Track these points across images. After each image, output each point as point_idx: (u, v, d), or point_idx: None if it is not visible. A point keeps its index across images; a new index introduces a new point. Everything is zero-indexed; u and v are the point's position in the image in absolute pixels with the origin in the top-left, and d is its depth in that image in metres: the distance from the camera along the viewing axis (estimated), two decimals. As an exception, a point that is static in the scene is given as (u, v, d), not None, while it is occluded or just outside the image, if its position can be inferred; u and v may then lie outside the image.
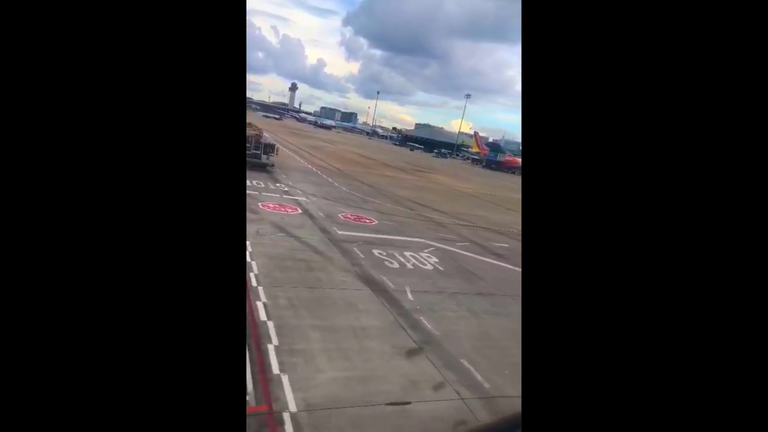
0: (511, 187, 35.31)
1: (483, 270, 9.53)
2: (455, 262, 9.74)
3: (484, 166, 58.46)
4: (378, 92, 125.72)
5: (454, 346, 5.73)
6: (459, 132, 77.92)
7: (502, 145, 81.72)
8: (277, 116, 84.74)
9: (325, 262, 8.21)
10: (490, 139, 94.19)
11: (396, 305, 6.76)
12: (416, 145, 77.29)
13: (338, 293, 6.83)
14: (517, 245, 12.96)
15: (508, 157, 61.09)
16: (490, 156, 60.94)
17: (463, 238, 12.49)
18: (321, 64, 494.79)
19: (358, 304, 6.49)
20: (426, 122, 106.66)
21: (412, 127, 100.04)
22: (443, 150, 69.99)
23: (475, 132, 70.53)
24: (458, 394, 4.69)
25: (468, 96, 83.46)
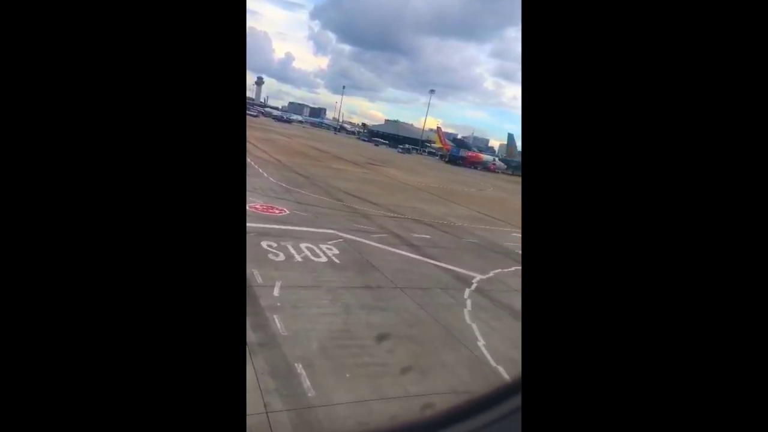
0: (465, 181, 35.18)
1: (385, 261, 8.83)
2: (358, 254, 9.00)
3: (447, 162, 58.71)
4: (344, 87, 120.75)
5: (296, 348, 4.95)
6: (423, 128, 77.87)
7: (470, 142, 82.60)
8: (254, 113, 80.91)
9: (192, 255, 7.26)
10: (459, 136, 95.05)
11: (251, 302, 5.91)
12: (381, 140, 77.01)
13: (182, 289, 5.92)
14: (439, 235, 12.39)
15: (470, 153, 61.65)
16: (453, 151, 61.24)
17: (383, 229, 11.80)
18: (289, 58, 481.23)
19: (200, 302, 5.60)
20: (396, 118, 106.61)
21: (383, 123, 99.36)
22: (407, 145, 69.71)
23: (437, 127, 70.76)
24: (266, 406, 3.91)
25: (432, 91, 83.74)
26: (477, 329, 6.49)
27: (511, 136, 56.85)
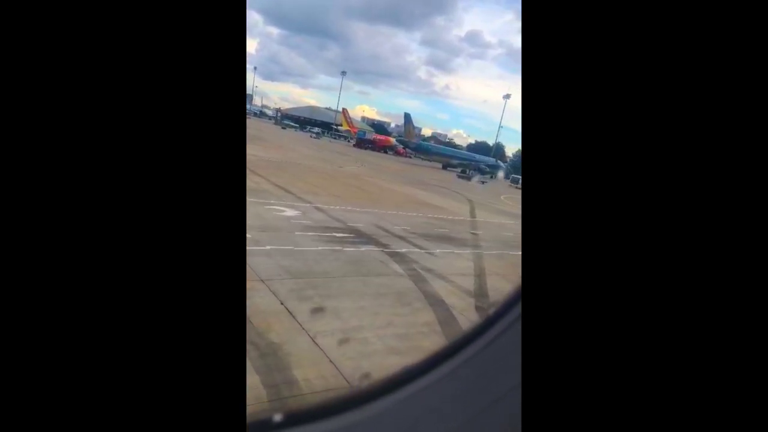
0: (334, 159, 31.74)
1: None
2: None
3: (354, 145, 55.98)
4: (254, 68, 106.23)
5: None
6: (336, 112, 73.76)
7: (403, 129, 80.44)
8: None
9: None
10: (392, 125, 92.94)
11: None
12: (291, 123, 72.78)
13: None
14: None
15: (378, 136, 59.17)
16: (360, 134, 58.47)
17: None
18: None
19: None
20: (328, 106, 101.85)
21: (298, 107, 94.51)
22: (317, 129, 65.71)
23: (343, 109, 66.69)
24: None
25: (343, 73, 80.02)
26: None
27: (407, 116, 54.45)
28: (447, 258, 9.64)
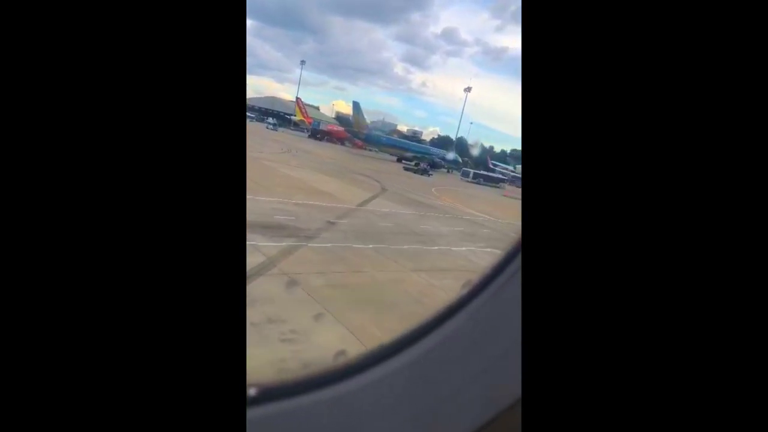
0: (250, 146, 29.29)
1: None
2: None
3: (309, 136, 53.78)
4: None
5: None
6: (296, 101, 71.03)
7: (380, 126, 78.68)
8: None
9: None
10: (369, 121, 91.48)
11: None
12: (248, 114, 70.03)
13: None
14: None
15: (331, 127, 57.08)
16: (314, 125, 56.20)
17: None
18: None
19: None
20: (306, 103, 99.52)
21: (260, 98, 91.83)
22: (270, 119, 63.04)
23: (297, 98, 63.76)
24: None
25: (303, 62, 77.59)
26: None
27: (356, 105, 52.36)
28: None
